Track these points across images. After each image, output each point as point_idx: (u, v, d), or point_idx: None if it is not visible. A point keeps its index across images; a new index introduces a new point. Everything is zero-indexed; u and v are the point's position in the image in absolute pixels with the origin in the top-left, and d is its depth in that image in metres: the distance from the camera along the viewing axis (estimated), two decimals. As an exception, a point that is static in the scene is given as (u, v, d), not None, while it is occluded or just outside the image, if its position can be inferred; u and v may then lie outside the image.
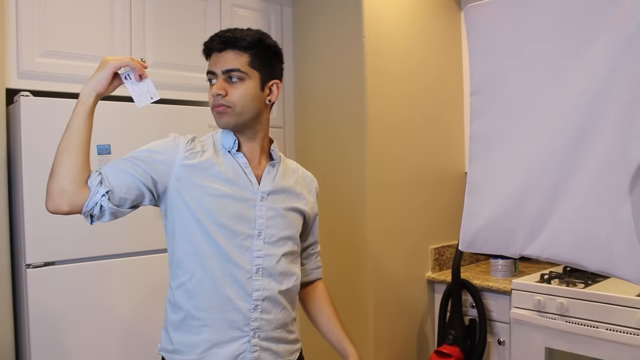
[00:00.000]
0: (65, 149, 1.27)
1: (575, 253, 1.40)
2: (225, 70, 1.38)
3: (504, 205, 1.55)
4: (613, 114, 1.33)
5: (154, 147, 1.39)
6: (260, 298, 1.40)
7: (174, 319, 1.40)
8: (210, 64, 1.41)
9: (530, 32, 1.51)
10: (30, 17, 2.06)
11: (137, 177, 1.33)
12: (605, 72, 1.33)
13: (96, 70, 1.32)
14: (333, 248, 2.68)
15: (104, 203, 1.28)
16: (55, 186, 1.25)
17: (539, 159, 1.47)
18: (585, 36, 1.38)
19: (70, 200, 1.25)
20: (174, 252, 1.41)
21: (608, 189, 1.33)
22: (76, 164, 1.27)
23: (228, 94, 1.38)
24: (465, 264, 2.98)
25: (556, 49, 1.44)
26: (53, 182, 1.26)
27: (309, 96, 2.84)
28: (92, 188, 1.27)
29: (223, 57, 1.39)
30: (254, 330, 1.39)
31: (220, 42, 1.40)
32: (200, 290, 1.37)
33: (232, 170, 1.41)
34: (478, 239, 1.63)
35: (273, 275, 1.42)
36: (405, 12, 2.73)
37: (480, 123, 1.64)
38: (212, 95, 1.39)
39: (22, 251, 1.97)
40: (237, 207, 1.39)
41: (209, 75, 1.41)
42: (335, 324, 1.62)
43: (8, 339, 2.00)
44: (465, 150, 2.97)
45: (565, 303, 2.21)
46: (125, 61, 1.33)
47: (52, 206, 1.26)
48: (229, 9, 2.62)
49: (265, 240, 1.42)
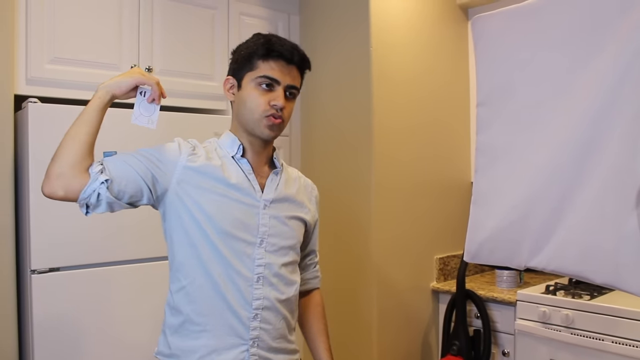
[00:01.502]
0: (71, 136, 1.26)
1: (580, 266, 1.39)
2: (291, 86, 1.39)
3: (510, 216, 1.54)
4: (620, 126, 1.32)
5: (158, 148, 1.38)
6: (260, 307, 1.39)
7: (172, 322, 1.39)
8: (276, 71, 1.38)
9: (537, 43, 1.50)
10: (39, 24, 2.07)
11: (138, 172, 1.31)
12: (613, 84, 1.33)
13: (122, 74, 1.33)
14: (337, 256, 2.68)
15: (102, 191, 1.25)
16: (54, 169, 1.24)
17: (545, 171, 1.46)
18: (593, 47, 1.38)
19: (67, 184, 1.23)
20: (174, 255, 1.39)
21: (614, 202, 1.33)
22: (80, 151, 1.25)
23: (285, 109, 1.39)
24: (470, 275, 2.97)
25: (564, 61, 1.44)
26: (53, 164, 1.24)
27: (316, 104, 2.84)
28: (92, 175, 1.25)
29: (291, 71, 1.39)
30: (253, 339, 1.38)
31: (298, 57, 1.40)
32: (201, 294, 1.35)
33: (235, 176, 1.40)
34: (483, 250, 1.62)
35: (274, 285, 1.41)
36: (413, 21, 2.73)
37: (487, 134, 1.63)
38: (273, 105, 1.37)
39: (27, 257, 1.98)
40: (239, 213, 1.38)
41: (268, 80, 1.38)
42: (321, 342, 1.59)
43: (12, 344, 2.00)
44: (471, 160, 2.96)
45: (570, 315, 2.20)
46: (152, 82, 1.35)
47: (47, 189, 1.24)
48: (236, 17, 2.64)
49: (266, 249, 1.41)
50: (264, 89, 1.38)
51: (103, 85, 1.31)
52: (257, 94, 1.38)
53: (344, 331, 2.68)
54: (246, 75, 1.40)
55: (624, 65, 1.31)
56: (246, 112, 1.40)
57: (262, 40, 1.40)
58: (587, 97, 1.38)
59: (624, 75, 1.31)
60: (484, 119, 1.65)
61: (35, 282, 1.96)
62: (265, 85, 1.38)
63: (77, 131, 1.27)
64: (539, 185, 1.47)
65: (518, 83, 1.54)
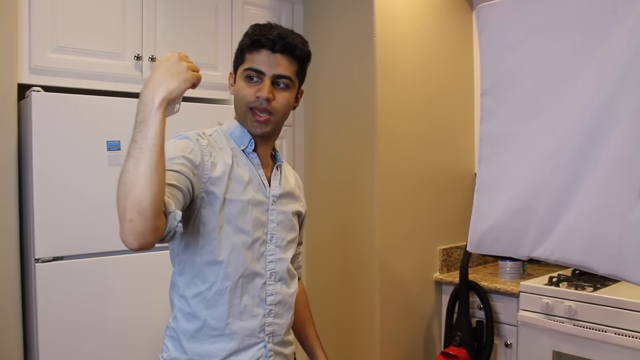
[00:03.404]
0: (146, 180, 1.04)
1: (584, 255, 1.39)
2: (278, 75, 1.33)
3: (514, 206, 1.54)
4: (625, 116, 1.31)
5: (186, 153, 1.26)
6: (274, 303, 1.39)
7: (188, 328, 1.34)
8: (259, 61, 1.33)
9: (542, 32, 1.49)
10: (42, 13, 2.07)
11: (185, 190, 1.22)
12: (619, 74, 1.32)
13: (171, 78, 1.11)
14: (341, 247, 2.68)
15: (178, 229, 1.13)
16: (130, 218, 1.02)
17: (549, 160, 1.46)
18: (598, 37, 1.37)
19: (145, 239, 1.04)
20: (194, 260, 1.32)
21: (619, 192, 1.32)
22: (160, 195, 1.05)
23: (274, 100, 1.33)
24: (473, 266, 2.97)
25: (569, 50, 1.43)
26: (129, 212, 1.02)
27: (319, 94, 2.84)
28: (169, 213, 1.11)
29: (277, 60, 1.33)
30: (269, 335, 1.38)
31: (282, 45, 1.32)
32: (219, 299, 1.32)
33: (247, 171, 1.37)
34: (486, 240, 1.62)
35: (284, 279, 1.41)
36: (417, 11, 2.72)
37: (491, 123, 1.63)
38: (259, 97, 1.32)
39: (31, 246, 1.98)
40: (255, 211, 1.35)
41: (253, 73, 1.33)
42: (309, 330, 1.61)
43: (16, 333, 2.02)
44: (475, 150, 2.95)
45: (573, 306, 2.20)
46: (199, 77, 1.19)
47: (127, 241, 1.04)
48: (240, 7, 2.63)
49: (276, 244, 1.40)
50: (251, 81, 1.34)
51: (156, 93, 1.09)
52: (244, 86, 1.34)
53: (347, 321, 2.69)
54: (239, 69, 1.39)
55: (631, 55, 1.31)
56: (237, 105, 1.38)
57: (249, 31, 1.37)
58: (592, 87, 1.37)
59: (630, 65, 1.31)
60: (489, 108, 1.64)
61: (40, 271, 1.96)
62: (251, 77, 1.34)
63: (152, 167, 1.05)
64: (543, 174, 1.47)
65: (523, 72, 1.54)
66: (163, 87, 1.10)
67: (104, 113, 2.09)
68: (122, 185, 1.05)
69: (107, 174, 2.08)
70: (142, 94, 1.11)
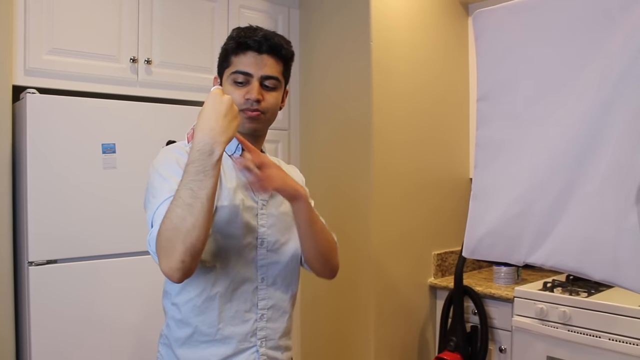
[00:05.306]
0: (204, 209, 1.11)
1: (580, 262, 1.39)
2: (265, 76, 1.34)
3: (509, 211, 1.54)
4: (621, 122, 1.32)
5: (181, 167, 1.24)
6: (266, 307, 1.38)
7: (179, 335, 1.35)
8: (246, 63, 1.33)
9: (539, 38, 1.50)
10: (37, 15, 2.06)
11: None
12: (615, 80, 1.32)
13: (229, 125, 1.15)
14: (335, 252, 2.67)
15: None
16: (183, 247, 1.10)
17: (545, 166, 1.46)
18: (595, 43, 1.37)
19: (189, 273, 1.14)
20: None
21: (614, 198, 1.32)
22: (210, 223, 1.14)
23: (263, 100, 1.34)
24: (467, 271, 2.97)
25: (565, 56, 1.44)
26: (181, 244, 1.10)
27: (315, 98, 2.84)
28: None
29: (264, 61, 1.33)
30: (261, 339, 1.37)
31: (268, 45, 1.33)
32: (209, 306, 1.32)
33: (235, 177, 1.36)
34: (482, 245, 1.62)
35: (277, 283, 1.40)
36: (413, 16, 2.73)
37: (487, 129, 1.63)
38: (248, 99, 1.32)
39: (25, 249, 1.97)
40: (245, 216, 1.35)
41: (240, 76, 1.33)
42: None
43: (9, 336, 2.00)
44: (471, 156, 2.96)
45: (568, 312, 2.20)
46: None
47: (171, 274, 1.13)
48: (236, 10, 2.63)
49: (268, 248, 1.39)
50: (239, 83, 1.34)
51: (214, 147, 1.12)
52: (232, 90, 1.34)
53: (342, 326, 2.68)
54: (224, 73, 1.38)
55: (627, 61, 1.31)
56: None
57: (234, 34, 1.37)
58: (589, 93, 1.37)
59: (626, 71, 1.31)
60: (485, 113, 1.64)
61: (33, 274, 1.95)
62: (239, 80, 1.34)
63: (209, 215, 1.12)
64: (539, 180, 1.47)
65: (519, 78, 1.54)
66: (224, 137, 1.14)
67: (99, 116, 2.08)
68: (174, 230, 1.10)
69: (102, 176, 2.07)
70: (198, 138, 1.13)
